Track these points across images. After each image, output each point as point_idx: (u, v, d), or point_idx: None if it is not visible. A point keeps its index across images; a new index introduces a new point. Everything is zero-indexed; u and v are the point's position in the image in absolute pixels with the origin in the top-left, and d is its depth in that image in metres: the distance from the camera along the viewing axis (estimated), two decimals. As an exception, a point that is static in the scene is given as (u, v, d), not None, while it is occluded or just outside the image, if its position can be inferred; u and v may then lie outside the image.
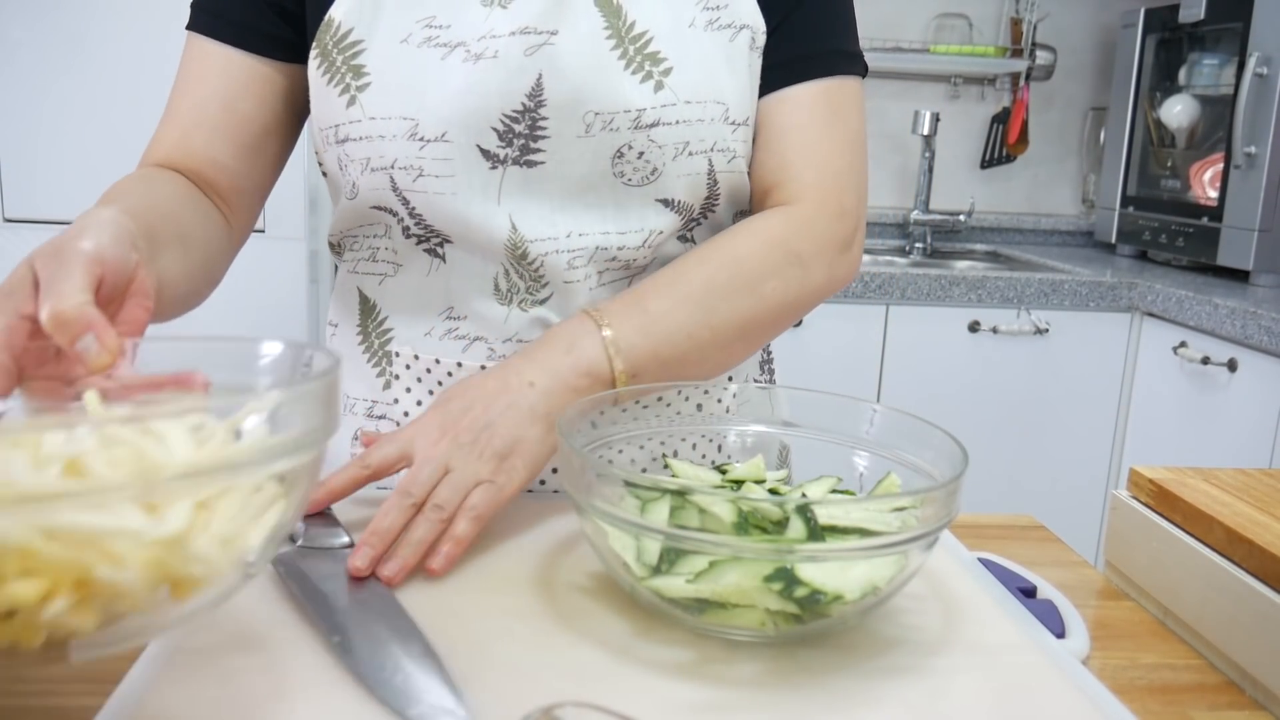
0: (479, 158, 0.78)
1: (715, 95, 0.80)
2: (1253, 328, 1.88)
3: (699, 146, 0.80)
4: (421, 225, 0.82)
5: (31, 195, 1.86)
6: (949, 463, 0.65)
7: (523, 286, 0.82)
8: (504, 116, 0.77)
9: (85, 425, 0.42)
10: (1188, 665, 0.66)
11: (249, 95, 0.82)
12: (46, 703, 0.53)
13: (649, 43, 0.78)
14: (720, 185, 0.83)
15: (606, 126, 0.78)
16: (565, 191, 0.80)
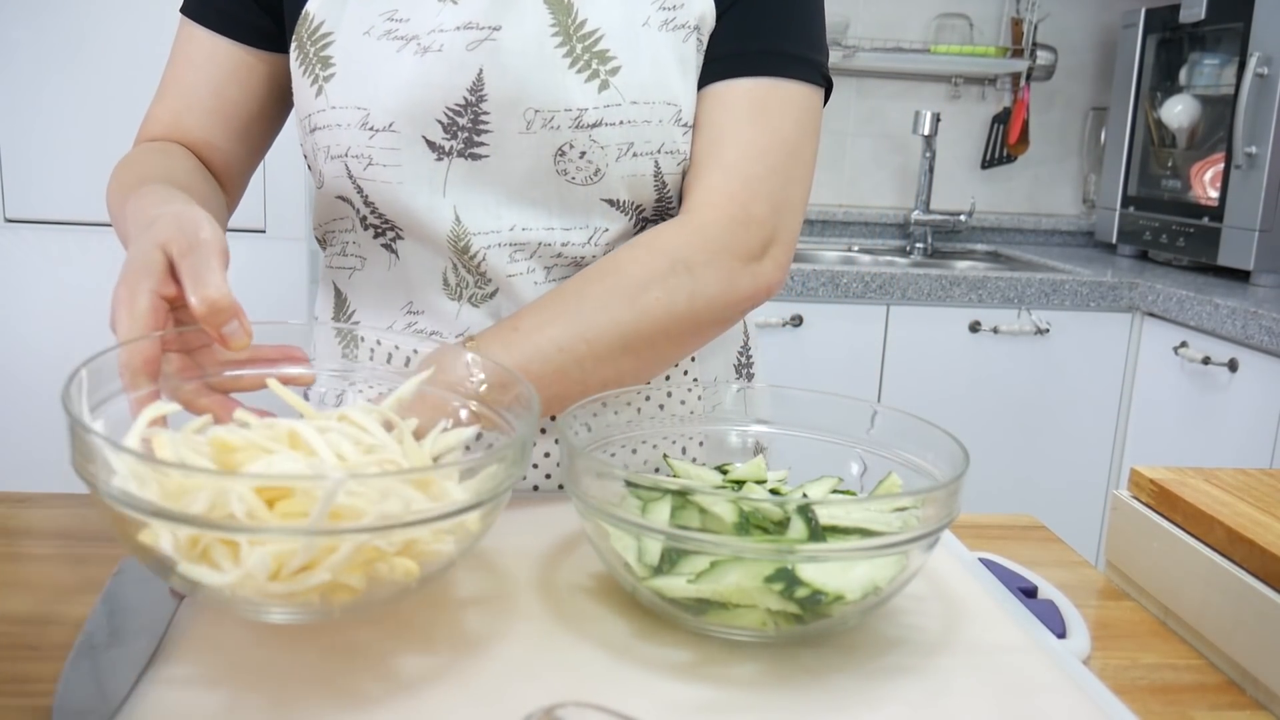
0: (425, 149, 0.79)
1: (666, 96, 0.79)
2: (1253, 328, 1.88)
3: (644, 148, 0.80)
4: (376, 215, 0.83)
5: (32, 195, 1.87)
6: (950, 463, 0.65)
7: (471, 281, 0.83)
8: (447, 109, 0.78)
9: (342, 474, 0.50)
10: (1188, 665, 0.66)
11: (235, 82, 0.86)
12: (46, 704, 0.53)
13: (598, 40, 0.78)
14: (670, 188, 0.82)
15: (547, 124, 0.78)
16: (509, 186, 0.80)
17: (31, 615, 0.63)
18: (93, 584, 0.66)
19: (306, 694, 0.53)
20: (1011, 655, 0.61)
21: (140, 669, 0.54)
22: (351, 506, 0.50)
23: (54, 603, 0.65)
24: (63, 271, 1.89)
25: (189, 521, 0.49)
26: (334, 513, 0.50)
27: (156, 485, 0.51)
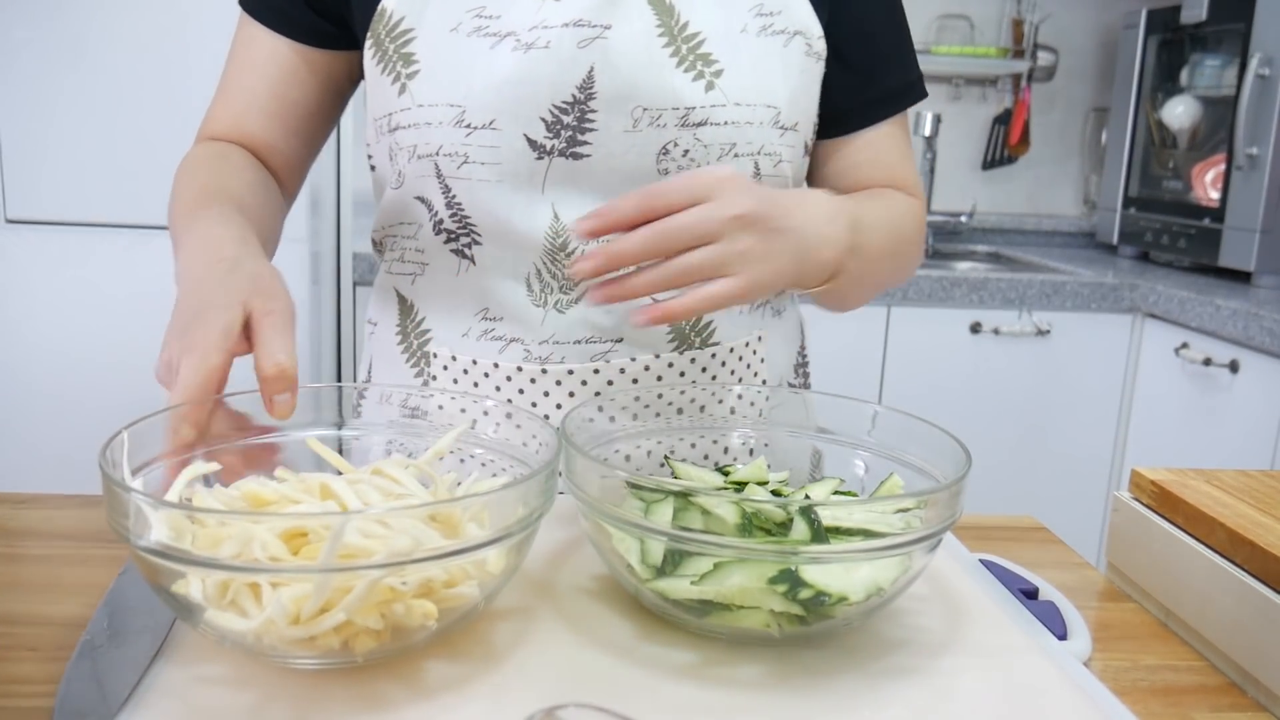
0: (525, 147, 0.79)
1: (766, 99, 0.81)
2: (1255, 329, 1.88)
3: (746, 149, 0.81)
4: (456, 218, 0.83)
5: (34, 196, 1.86)
6: (952, 464, 0.65)
7: (555, 285, 0.82)
8: (553, 107, 0.78)
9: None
10: (1189, 666, 0.66)
11: (295, 82, 0.88)
12: (47, 704, 0.53)
13: (701, 43, 0.79)
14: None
15: (654, 122, 0.78)
16: (609, 186, 0.80)
17: (32, 616, 0.63)
18: (94, 585, 0.66)
19: (310, 694, 0.53)
20: (1013, 657, 0.61)
21: (142, 670, 0.54)
22: (365, 547, 0.51)
23: (55, 604, 0.65)
24: (64, 272, 1.89)
25: (206, 564, 0.51)
26: (350, 554, 0.50)
27: (189, 535, 0.53)
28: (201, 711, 0.51)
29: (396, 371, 0.91)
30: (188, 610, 0.53)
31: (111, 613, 0.61)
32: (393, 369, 0.91)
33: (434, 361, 0.88)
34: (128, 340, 1.92)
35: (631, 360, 0.84)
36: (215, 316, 0.62)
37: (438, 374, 0.88)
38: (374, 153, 0.87)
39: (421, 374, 0.89)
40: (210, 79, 0.95)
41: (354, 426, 0.71)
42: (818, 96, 0.87)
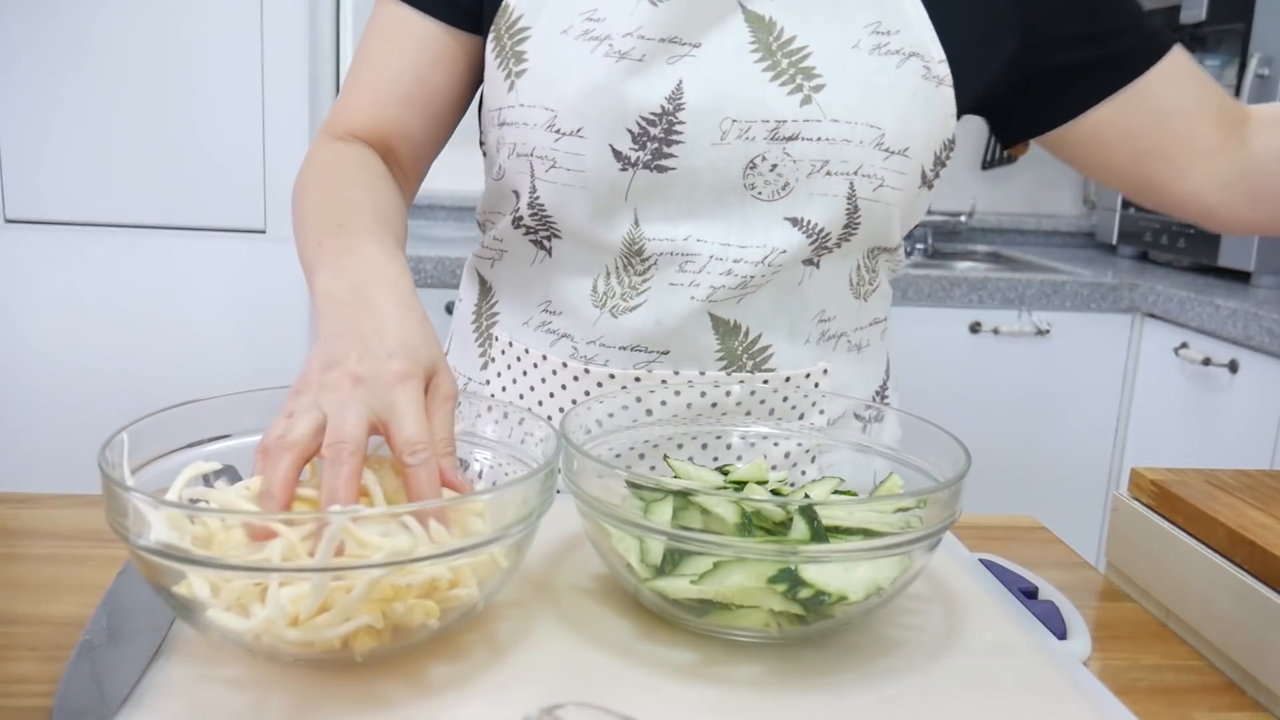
0: (610, 158, 0.78)
1: (870, 119, 0.78)
2: (1254, 329, 1.88)
3: (840, 168, 0.78)
4: (536, 217, 0.83)
5: (33, 196, 1.86)
6: (951, 463, 0.65)
7: (619, 290, 0.82)
8: (641, 119, 0.77)
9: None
10: (1189, 666, 0.66)
11: (440, 66, 0.85)
12: (45, 704, 0.53)
13: (805, 57, 0.77)
14: (862, 213, 0.80)
15: (743, 135, 0.77)
16: (693, 199, 0.79)
17: (31, 616, 0.63)
18: (93, 585, 0.66)
19: (311, 693, 0.53)
20: (1012, 656, 0.61)
21: (141, 670, 0.54)
22: (365, 543, 0.51)
23: (54, 603, 0.65)
24: (63, 272, 1.89)
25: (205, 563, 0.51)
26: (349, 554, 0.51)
27: (189, 535, 0.53)
28: (201, 710, 0.51)
29: (466, 349, 0.94)
30: (188, 610, 0.53)
31: (110, 612, 0.61)
32: (464, 347, 0.94)
33: (494, 344, 0.90)
34: (126, 340, 1.92)
35: (675, 374, 0.83)
36: (411, 381, 0.59)
37: (496, 357, 0.90)
38: (485, 140, 0.88)
39: (484, 354, 0.92)
40: (207, 80, 0.95)
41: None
42: (941, 123, 0.81)
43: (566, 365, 0.85)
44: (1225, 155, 0.85)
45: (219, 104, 1.84)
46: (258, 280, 1.93)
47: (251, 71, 1.84)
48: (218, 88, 1.84)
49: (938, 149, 0.82)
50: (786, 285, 0.83)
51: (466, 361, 0.94)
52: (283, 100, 1.86)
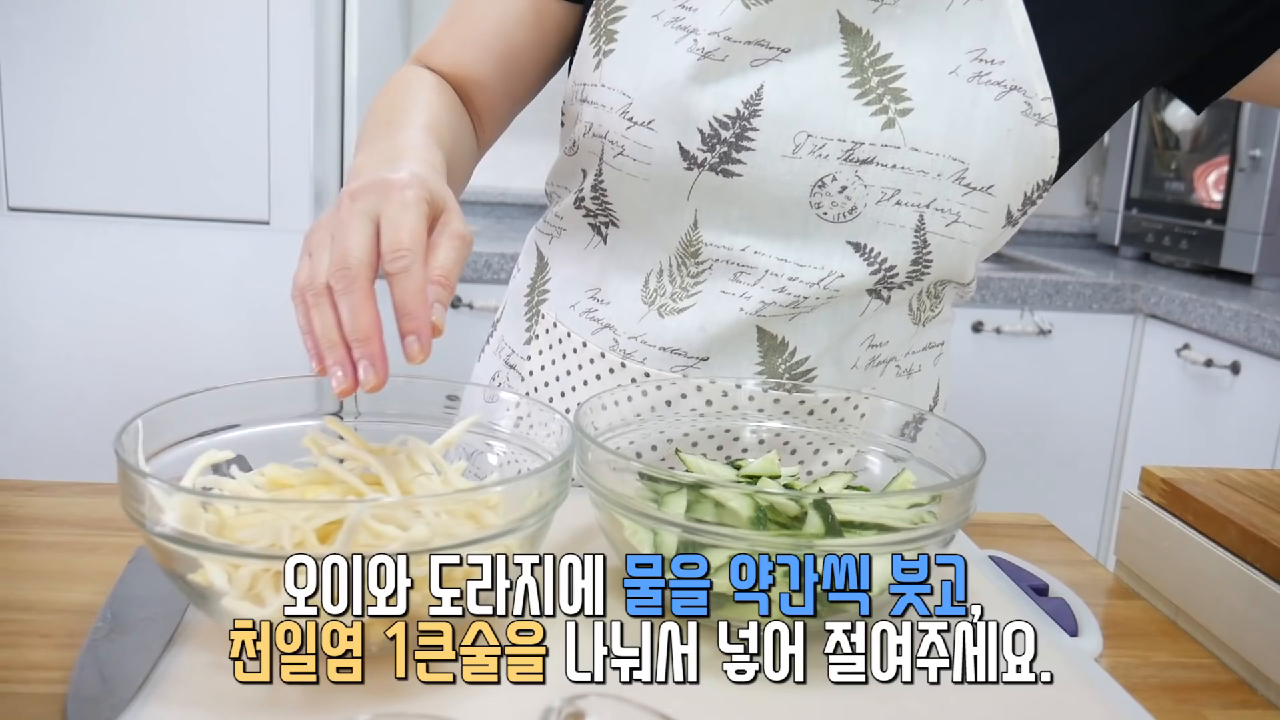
0: (677, 155, 0.76)
1: (954, 151, 0.74)
2: (1256, 330, 1.88)
3: (911, 198, 0.75)
4: (598, 201, 0.83)
5: (37, 184, 1.86)
6: (964, 460, 0.65)
7: (670, 290, 0.81)
8: (714, 120, 0.74)
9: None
10: (1199, 664, 0.66)
11: (526, 26, 0.85)
12: (59, 690, 0.53)
13: (898, 78, 0.73)
14: (933, 248, 0.77)
15: (816, 151, 0.74)
16: (756, 208, 0.77)
17: (43, 603, 0.63)
18: (104, 572, 0.66)
19: (325, 682, 0.52)
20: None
21: (155, 658, 0.54)
22: (382, 534, 0.51)
23: (65, 591, 0.65)
24: (67, 261, 1.89)
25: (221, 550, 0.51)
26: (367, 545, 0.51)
27: (203, 522, 0.53)
28: (215, 697, 0.51)
29: (515, 320, 0.94)
30: (203, 597, 0.53)
31: (122, 600, 0.61)
32: (514, 317, 0.94)
33: (541, 321, 0.90)
34: (130, 329, 1.92)
35: (711, 382, 0.80)
36: (410, 191, 0.59)
37: (540, 334, 0.90)
38: (565, 110, 0.87)
39: (530, 329, 0.91)
40: (212, 69, 0.95)
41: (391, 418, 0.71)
42: (1036, 163, 0.76)
43: (605, 355, 0.84)
44: None
45: (224, 94, 1.84)
46: (261, 271, 1.93)
47: (257, 61, 1.84)
48: (223, 77, 1.83)
49: (1029, 189, 0.77)
50: (848, 313, 0.81)
51: (514, 332, 0.94)
52: (288, 90, 1.85)
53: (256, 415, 0.68)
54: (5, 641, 0.58)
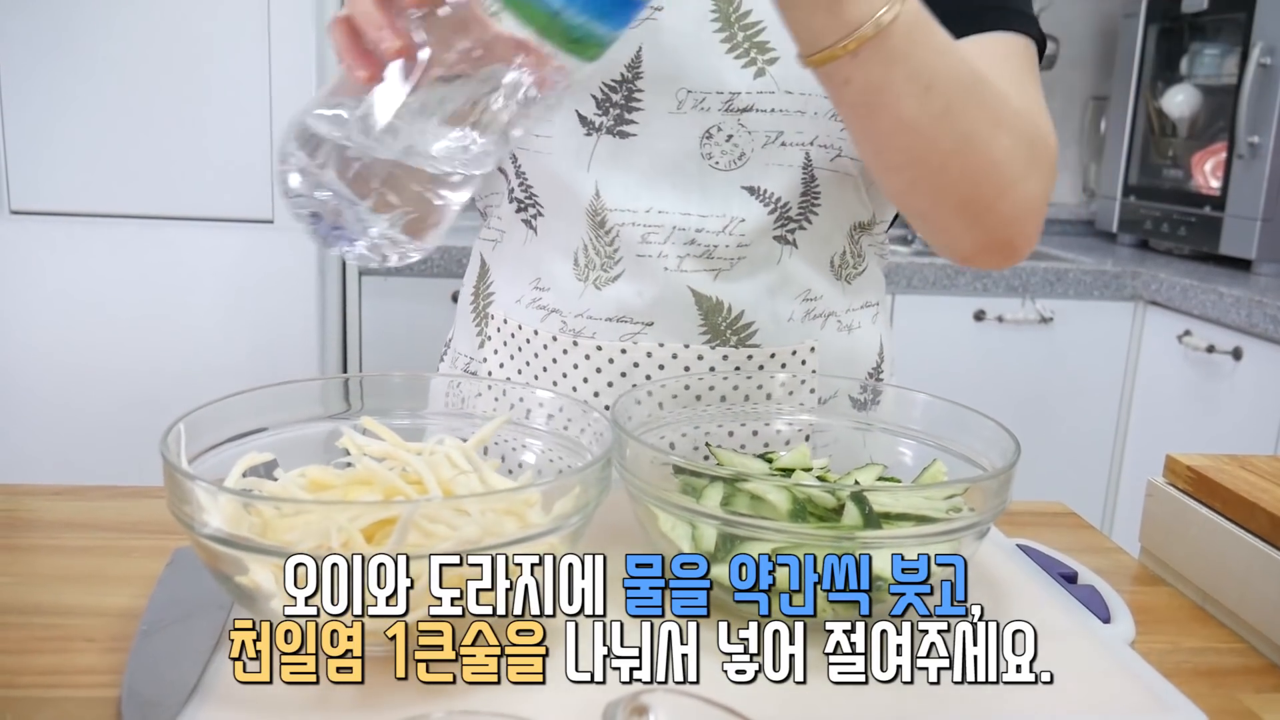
0: (576, 123, 0.81)
1: (823, 90, 0.76)
2: (1258, 316, 1.89)
3: (795, 138, 0.80)
4: (524, 189, 0.86)
5: (38, 187, 1.85)
6: (998, 451, 0.66)
7: (598, 262, 0.84)
8: (603, 85, 0.79)
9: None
10: (1230, 649, 0.67)
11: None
12: (110, 694, 0.54)
13: (760, 32, 0.78)
14: (820, 182, 0.82)
15: (698, 105, 0.79)
16: (653, 166, 0.81)
17: (84, 608, 0.63)
18: (141, 575, 0.66)
19: (376, 680, 0.53)
20: (1060, 640, 0.62)
21: (205, 659, 0.54)
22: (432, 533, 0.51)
23: (105, 595, 0.65)
24: (69, 263, 1.89)
25: (269, 551, 0.51)
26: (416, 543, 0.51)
27: (246, 524, 0.54)
28: (269, 696, 0.51)
29: (465, 330, 0.96)
30: (250, 599, 0.54)
31: (164, 603, 0.62)
32: (464, 326, 0.97)
33: (490, 323, 0.93)
34: (132, 331, 1.92)
35: (660, 346, 0.84)
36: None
37: (491, 335, 0.92)
38: None
39: (481, 333, 0.94)
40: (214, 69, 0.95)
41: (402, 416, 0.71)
42: None
43: (556, 339, 0.86)
44: None
45: (226, 92, 1.84)
46: (265, 271, 1.93)
47: (258, 60, 1.83)
48: (224, 76, 1.83)
49: None
50: (764, 263, 0.84)
51: (466, 341, 0.97)
52: (290, 89, 1.85)
53: (281, 419, 0.68)
54: (51, 646, 0.59)
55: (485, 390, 0.76)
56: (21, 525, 0.76)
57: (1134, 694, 0.57)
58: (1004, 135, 0.69)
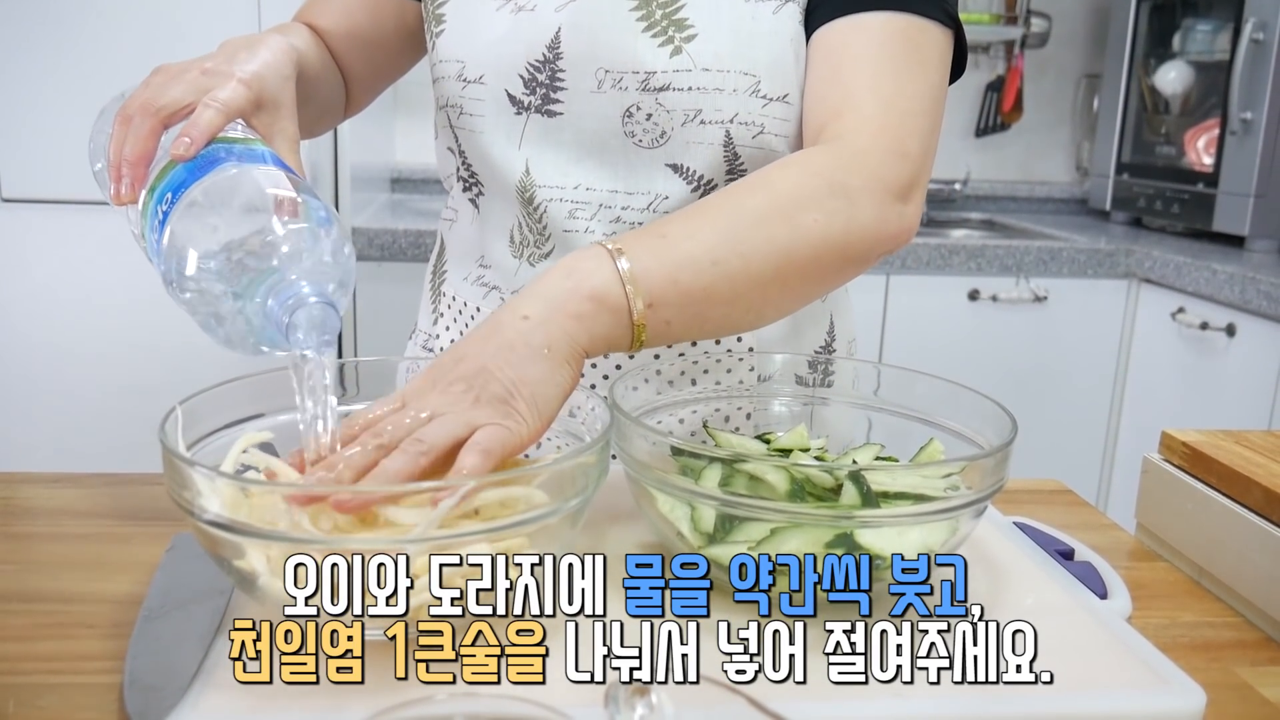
0: (506, 102, 0.83)
1: (744, 66, 0.79)
2: (1251, 292, 1.90)
3: (714, 116, 0.80)
4: (465, 167, 0.89)
5: (30, 175, 1.84)
6: (994, 429, 0.66)
7: (531, 239, 0.86)
8: (529, 65, 0.81)
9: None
10: (1226, 623, 0.67)
11: (365, 9, 0.93)
12: (113, 680, 0.54)
13: (679, 9, 0.79)
14: (744, 160, 0.82)
15: (616, 85, 0.80)
16: (580, 145, 0.82)
17: (85, 594, 0.64)
18: (140, 562, 0.66)
19: (379, 662, 0.53)
20: (1057, 616, 0.62)
21: (207, 644, 0.54)
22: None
23: (105, 581, 0.65)
24: (62, 251, 1.88)
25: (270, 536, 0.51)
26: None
27: (246, 508, 0.54)
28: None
29: (425, 308, 0.99)
30: (250, 583, 0.54)
31: (165, 589, 0.62)
32: (425, 305, 1.00)
33: (443, 299, 0.95)
34: (127, 318, 1.91)
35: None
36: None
37: (444, 311, 0.95)
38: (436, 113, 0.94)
39: (435, 309, 0.97)
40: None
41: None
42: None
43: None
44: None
45: (216, 79, 1.83)
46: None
47: (248, 46, 1.82)
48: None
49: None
50: None
51: (425, 318, 0.99)
52: (280, 75, 1.84)
53: (278, 404, 0.68)
54: (52, 633, 0.59)
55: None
56: (20, 513, 0.76)
57: (1130, 668, 0.57)
58: (805, 229, 0.70)
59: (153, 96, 0.71)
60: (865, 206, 0.72)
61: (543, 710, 0.39)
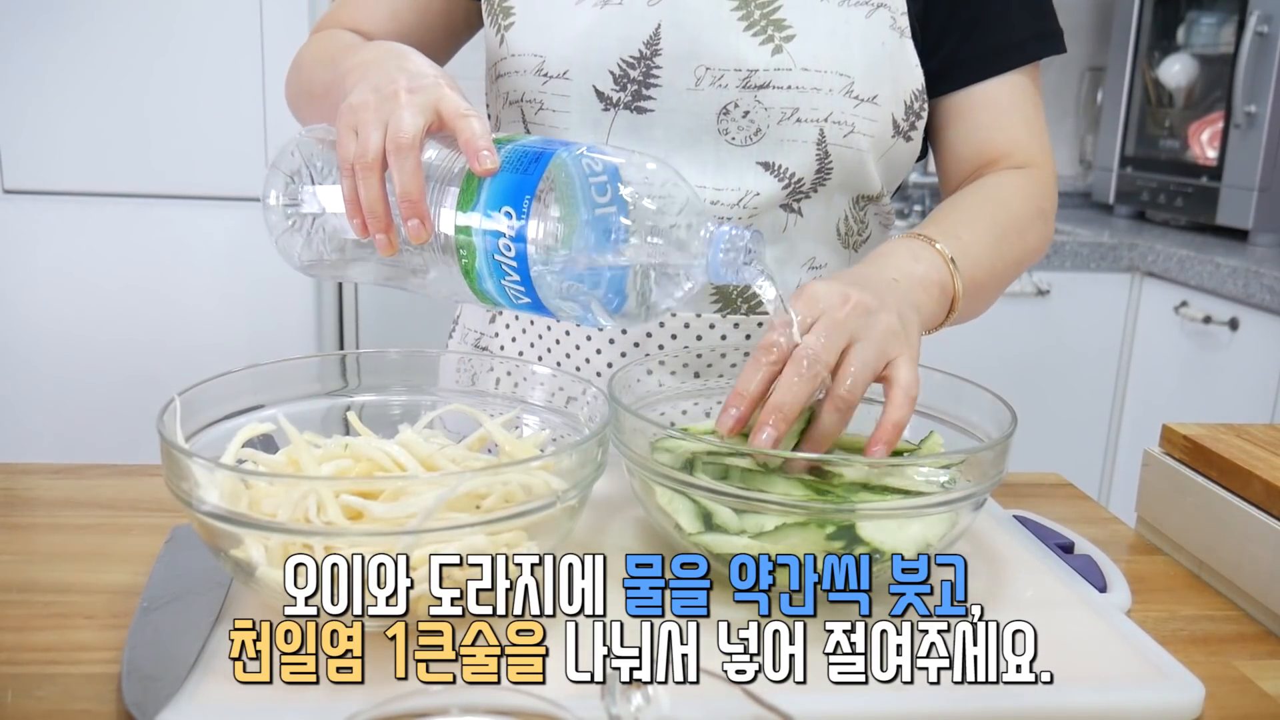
0: (593, 98, 0.82)
1: (839, 67, 0.80)
2: (1255, 286, 1.89)
3: (810, 115, 0.81)
4: None
5: (32, 166, 1.84)
6: (994, 422, 0.66)
7: None
8: (621, 61, 0.80)
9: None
10: (1226, 616, 0.67)
11: (412, 7, 0.92)
12: (111, 670, 0.54)
13: (777, 9, 0.79)
14: (834, 159, 0.83)
15: (716, 82, 0.80)
16: (670, 141, 0.82)
17: (83, 585, 0.64)
18: (139, 553, 0.66)
19: (376, 652, 0.53)
20: (1057, 610, 0.62)
21: (205, 635, 0.54)
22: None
23: (104, 572, 0.65)
24: (63, 242, 1.88)
25: (266, 527, 0.52)
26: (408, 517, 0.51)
27: (245, 500, 0.54)
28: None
29: (475, 306, 0.97)
30: (247, 573, 0.54)
31: (164, 580, 0.62)
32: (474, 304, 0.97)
33: None
34: (127, 309, 1.91)
35: (672, 315, 0.84)
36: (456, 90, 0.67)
37: (503, 309, 0.91)
38: (488, 100, 0.92)
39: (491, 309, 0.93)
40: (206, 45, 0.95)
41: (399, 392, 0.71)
42: (908, 73, 0.84)
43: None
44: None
45: (218, 70, 1.82)
46: (259, 248, 1.92)
47: (251, 37, 1.82)
48: (217, 53, 1.81)
49: (907, 98, 0.84)
50: (771, 232, 0.85)
51: (476, 317, 0.96)
52: (282, 66, 1.83)
53: (278, 395, 0.68)
54: (51, 623, 0.59)
55: (496, 365, 0.76)
56: (20, 504, 0.76)
57: (1131, 662, 0.57)
58: (1027, 244, 0.86)
59: (394, 133, 0.63)
60: (1050, 227, 0.89)
61: (536, 700, 0.39)
